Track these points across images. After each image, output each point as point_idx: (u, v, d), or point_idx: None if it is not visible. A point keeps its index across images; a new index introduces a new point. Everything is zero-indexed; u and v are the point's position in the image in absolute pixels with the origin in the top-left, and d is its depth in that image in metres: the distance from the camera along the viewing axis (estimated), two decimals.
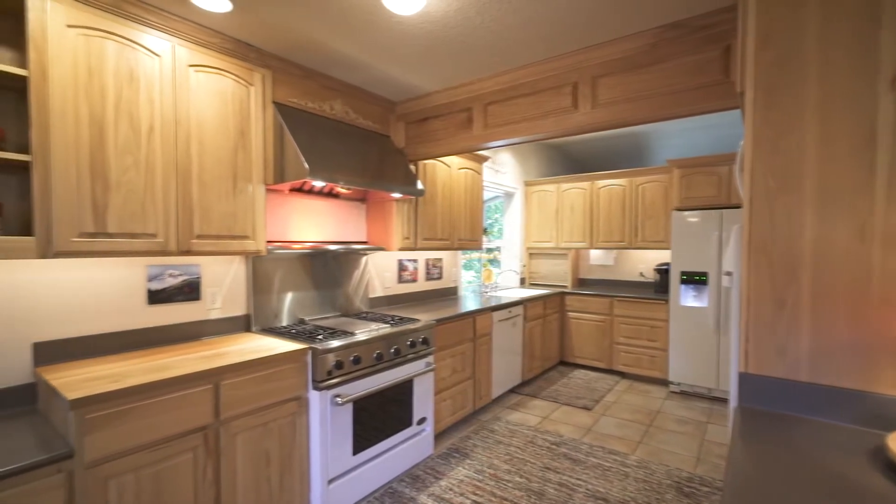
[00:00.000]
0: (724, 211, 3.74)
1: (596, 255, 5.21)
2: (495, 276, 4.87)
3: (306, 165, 2.06)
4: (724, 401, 3.78)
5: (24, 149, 1.59)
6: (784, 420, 1.15)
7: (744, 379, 1.25)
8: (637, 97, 2.04)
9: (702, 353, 3.84)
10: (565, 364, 4.86)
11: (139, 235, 1.74)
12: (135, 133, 1.72)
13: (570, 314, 4.74)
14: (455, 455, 2.74)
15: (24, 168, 1.57)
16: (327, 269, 2.84)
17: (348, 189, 2.60)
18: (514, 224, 5.18)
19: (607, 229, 4.72)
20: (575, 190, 4.93)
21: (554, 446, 2.88)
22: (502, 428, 3.16)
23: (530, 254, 5.36)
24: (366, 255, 3.13)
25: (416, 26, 1.95)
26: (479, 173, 3.86)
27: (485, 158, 3.89)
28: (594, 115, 2.16)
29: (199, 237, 1.93)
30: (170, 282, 2.11)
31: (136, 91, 1.72)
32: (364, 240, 3.13)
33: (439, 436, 3.03)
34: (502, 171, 4.82)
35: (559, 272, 5.16)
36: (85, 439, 1.38)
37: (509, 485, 2.41)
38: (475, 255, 4.77)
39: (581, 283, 5.33)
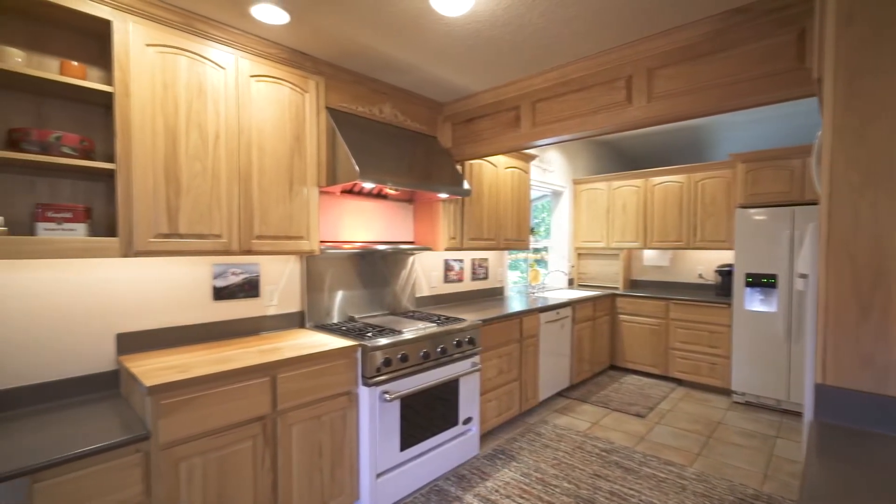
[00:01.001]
0: (796, 208, 3.44)
1: (650, 256, 4.97)
2: (542, 276, 4.78)
3: (357, 168, 2.12)
4: (795, 414, 3.48)
5: (110, 158, 1.76)
6: (868, 437, 1.04)
7: (821, 391, 1.14)
8: (698, 88, 1.93)
9: (769, 361, 3.56)
10: (616, 369, 4.68)
11: (206, 236, 1.88)
12: (203, 141, 1.85)
13: (622, 317, 4.55)
14: (501, 457, 2.72)
15: (110, 175, 1.73)
16: (376, 268, 2.91)
17: (396, 190, 2.65)
18: (562, 223, 5.06)
19: (662, 228, 4.49)
20: (627, 188, 4.74)
21: (604, 453, 2.78)
22: (549, 432, 3.09)
23: (579, 254, 5.21)
24: (413, 254, 3.18)
25: (464, 27, 1.96)
26: (527, 172, 3.81)
27: (532, 157, 3.83)
28: (650, 109, 2.07)
29: (258, 238, 2.05)
30: (232, 279, 2.25)
31: (204, 102, 1.85)
32: (411, 240, 3.18)
33: (485, 436, 3.02)
34: (550, 169, 4.72)
35: (610, 273, 4.97)
36: (160, 423, 1.50)
37: (557, 490, 2.36)
38: (521, 255, 4.71)
39: (633, 284, 5.11)
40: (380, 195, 2.90)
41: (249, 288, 2.31)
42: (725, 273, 4.15)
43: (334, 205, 2.69)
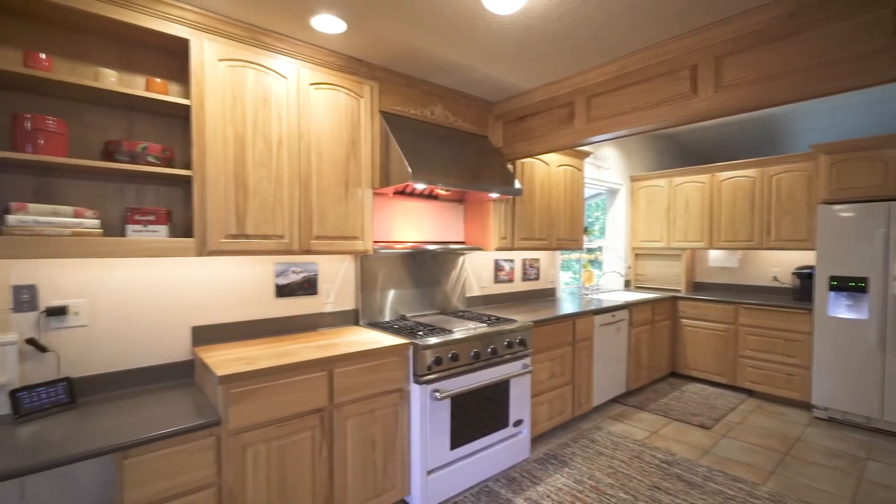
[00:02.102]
0: (892, 203, 3.07)
1: (716, 257, 4.65)
2: (596, 277, 4.61)
3: (409, 169, 2.16)
4: (889, 434, 3.10)
5: (187, 165, 1.92)
6: None
7: None
8: (773, 75, 1.77)
9: (859, 373, 3.20)
10: (677, 376, 4.41)
11: (270, 237, 1.99)
12: (267, 148, 1.97)
13: (684, 321, 4.29)
14: (552, 461, 2.66)
15: (187, 181, 1.89)
16: (426, 268, 2.95)
17: (447, 190, 2.67)
18: (618, 222, 4.86)
19: (731, 227, 4.17)
20: (691, 184, 4.45)
21: (665, 465, 2.63)
22: (604, 439, 2.98)
23: (636, 254, 4.97)
24: (463, 254, 3.19)
25: (517, 23, 1.93)
26: (580, 170, 3.69)
27: (586, 154, 3.71)
28: (718, 99, 1.93)
29: (316, 238, 2.14)
30: (293, 278, 2.37)
31: (269, 110, 1.97)
32: (461, 240, 3.19)
33: (536, 440, 2.97)
34: (605, 166, 4.55)
35: (670, 275, 4.70)
36: (229, 410, 1.62)
37: (612, 500, 2.27)
38: (574, 255, 4.57)
39: (697, 287, 4.80)
40: (431, 196, 2.94)
41: (308, 286, 2.43)
42: (805, 276, 3.78)
43: (387, 205, 2.76)
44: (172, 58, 1.93)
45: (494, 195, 2.72)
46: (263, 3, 1.76)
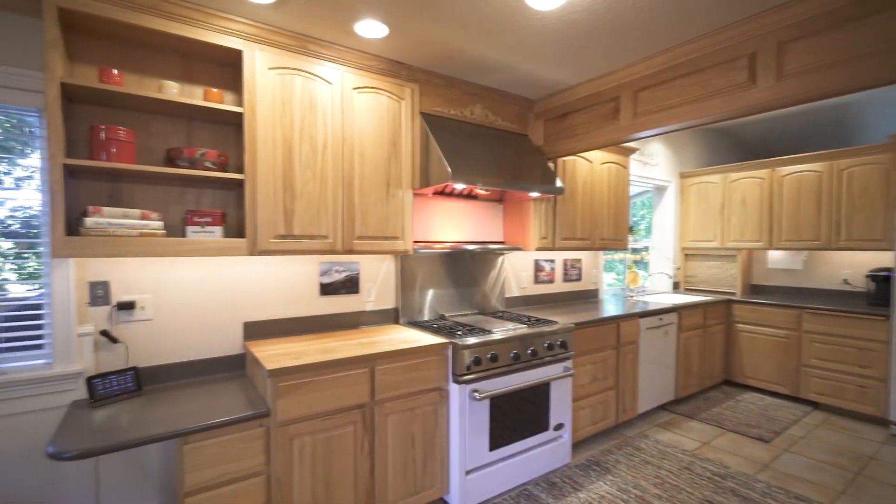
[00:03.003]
0: None
1: (776, 258, 4.33)
2: (642, 278, 4.43)
3: (449, 169, 2.17)
4: None
5: (240, 169, 2.03)
6: None
7: None
8: (843, 61, 1.63)
9: None
10: (732, 384, 4.16)
11: (315, 237, 2.07)
12: (313, 151, 2.05)
13: (740, 326, 4.03)
14: (595, 468, 2.58)
15: (239, 184, 2.00)
16: (465, 268, 2.95)
17: (487, 190, 2.66)
18: (666, 221, 4.64)
19: (794, 226, 3.87)
20: (748, 180, 4.18)
21: (717, 478, 2.49)
22: (650, 447, 2.86)
23: (686, 255, 4.72)
24: (502, 254, 3.16)
25: (560, 18, 1.89)
26: (625, 167, 3.56)
27: (632, 151, 3.57)
28: (779, 89, 1.80)
29: (359, 238, 2.20)
30: (336, 276, 2.45)
31: (315, 115, 2.04)
32: (501, 240, 3.16)
33: (577, 445, 2.89)
34: (652, 163, 4.36)
35: (724, 276, 4.43)
36: (278, 402, 1.70)
37: None
38: (618, 255, 4.42)
39: (754, 290, 4.49)
40: (470, 195, 2.94)
41: (350, 285, 2.50)
42: (881, 279, 3.45)
43: (426, 206, 2.79)
44: (227, 68, 2.04)
45: (535, 194, 2.67)
46: (310, 12, 1.82)
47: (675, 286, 4.67)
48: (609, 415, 2.99)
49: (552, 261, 3.55)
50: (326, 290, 2.42)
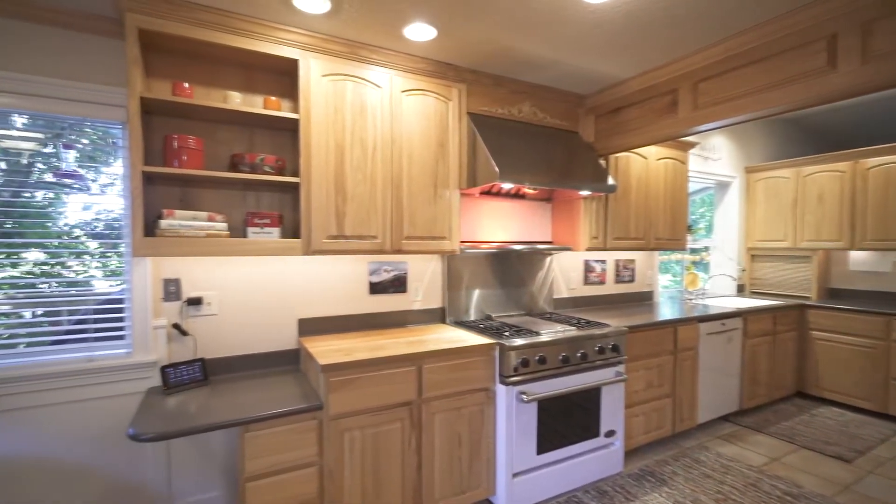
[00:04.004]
0: None
1: (859, 259, 3.92)
2: (702, 280, 4.17)
3: (496, 169, 2.16)
4: None
5: (295, 173, 2.13)
6: None
7: None
8: None
9: None
10: (805, 397, 3.81)
11: (365, 237, 2.13)
12: (363, 154, 2.11)
13: (816, 333, 3.69)
14: (649, 479, 2.46)
15: (294, 188, 2.09)
16: (512, 268, 2.92)
17: (535, 189, 2.62)
18: (729, 219, 4.34)
19: (880, 224, 3.49)
20: (825, 173, 3.81)
21: (789, 497, 2.29)
22: (712, 460, 2.68)
23: (752, 255, 4.39)
24: (550, 255, 3.10)
25: (612, 10, 1.82)
26: (684, 163, 3.36)
27: (691, 145, 3.37)
28: (865, 73, 1.62)
29: (407, 238, 2.24)
30: (384, 276, 2.50)
31: (365, 119, 2.10)
32: (549, 239, 3.10)
33: (630, 454, 2.77)
34: (714, 157, 4.09)
35: (797, 279, 4.07)
36: (330, 396, 1.76)
37: None
38: (675, 256, 4.18)
39: (832, 294, 4.09)
40: (518, 195, 2.90)
41: (398, 284, 2.55)
42: None
43: (473, 206, 2.78)
44: (284, 77, 2.15)
45: (585, 193, 2.59)
46: (362, 19, 1.87)
47: (740, 289, 4.35)
48: (665, 424, 2.84)
49: (603, 261, 3.42)
50: (375, 288, 2.48)
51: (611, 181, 2.56)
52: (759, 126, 4.37)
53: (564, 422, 2.30)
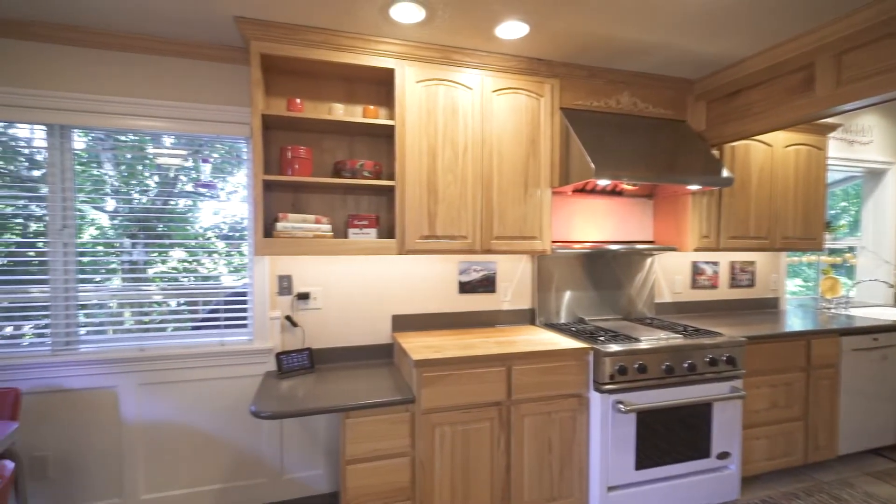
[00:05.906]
0: None
1: None
2: (844, 287, 3.52)
3: (592, 165, 2.05)
4: None
5: (390, 176, 2.24)
6: None
7: None
8: None
9: None
10: None
11: (455, 237, 2.16)
12: (454, 155, 2.14)
13: None
14: None
15: (390, 190, 2.20)
16: (608, 269, 2.75)
17: (634, 185, 2.44)
18: (882, 214, 3.61)
19: None
20: None
21: None
22: (856, 499, 2.26)
23: None
24: (652, 255, 2.86)
25: None
26: (821, 149, 2.88)
27: (831, 128, 2.87)
28: None
29: (496, 238, 2.23)
30: (473, 275, 2.52)
31: (455, 120, 2.14)
32: (650, 239, 2.86)
33: (748, 480, 2.45)
34: (862, 141, 3.44)
35: None
36: (422, 391, 1.82)
37: None
38: (808, 257, 3.60)
39: None
40: (614, 192, 2.72)
41: (487, 284, 2.55)
42: None
43: (565, 204, 2.67)
44: (381, 86, 2.27)
45: (694, 187, 2.35)
46: (454, 23, 1.90)
47: None
48: (794, 451, 2.46)
49: (715, 263, 3.07)
50: (464, 288, 2.51)
51: (726, 173, 2.28)
52: None
53: (668, 438, 2.10)
